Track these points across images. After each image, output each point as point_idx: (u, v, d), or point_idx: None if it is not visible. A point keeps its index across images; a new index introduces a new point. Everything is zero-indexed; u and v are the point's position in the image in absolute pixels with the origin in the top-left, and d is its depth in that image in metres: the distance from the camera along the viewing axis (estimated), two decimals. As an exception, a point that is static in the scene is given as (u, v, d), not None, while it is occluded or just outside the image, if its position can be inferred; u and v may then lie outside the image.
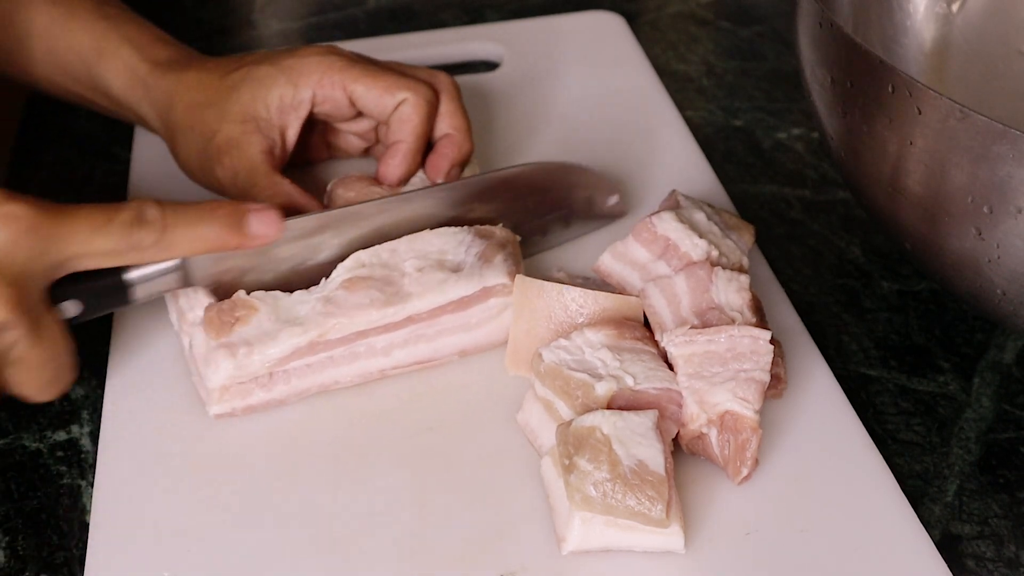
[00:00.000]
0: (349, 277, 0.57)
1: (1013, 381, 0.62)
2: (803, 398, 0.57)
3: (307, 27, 0.94)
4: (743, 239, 0.62)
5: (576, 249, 0.66)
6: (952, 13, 0.73)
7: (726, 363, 0.53)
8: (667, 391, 0.53)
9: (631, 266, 0.60)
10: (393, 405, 0.58)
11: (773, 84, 0.86)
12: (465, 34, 0.87)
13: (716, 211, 0.62)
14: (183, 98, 0.65)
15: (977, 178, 0.50)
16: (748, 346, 0.53)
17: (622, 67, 0.83)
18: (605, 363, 0.54)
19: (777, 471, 0.53)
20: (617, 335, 0.55)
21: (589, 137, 0.75)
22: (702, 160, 0.73)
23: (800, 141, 0.80)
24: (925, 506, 0.55)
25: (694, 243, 0.58)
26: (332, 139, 0.71)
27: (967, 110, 0.49)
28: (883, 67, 0.52)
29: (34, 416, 0.60)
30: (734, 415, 0.52)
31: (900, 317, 0.66)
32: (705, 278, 0.57)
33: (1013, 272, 0.52)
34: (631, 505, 0.48)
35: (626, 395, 0.52)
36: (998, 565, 0.53)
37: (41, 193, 0.75)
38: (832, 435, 0.55)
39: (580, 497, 0.48)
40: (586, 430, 0.50)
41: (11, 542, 0.54)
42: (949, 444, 0.58)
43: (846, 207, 0.73)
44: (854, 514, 0.52)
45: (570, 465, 0.49)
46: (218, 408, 0.56)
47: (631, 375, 0.53)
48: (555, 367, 0.54)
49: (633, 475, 0.48)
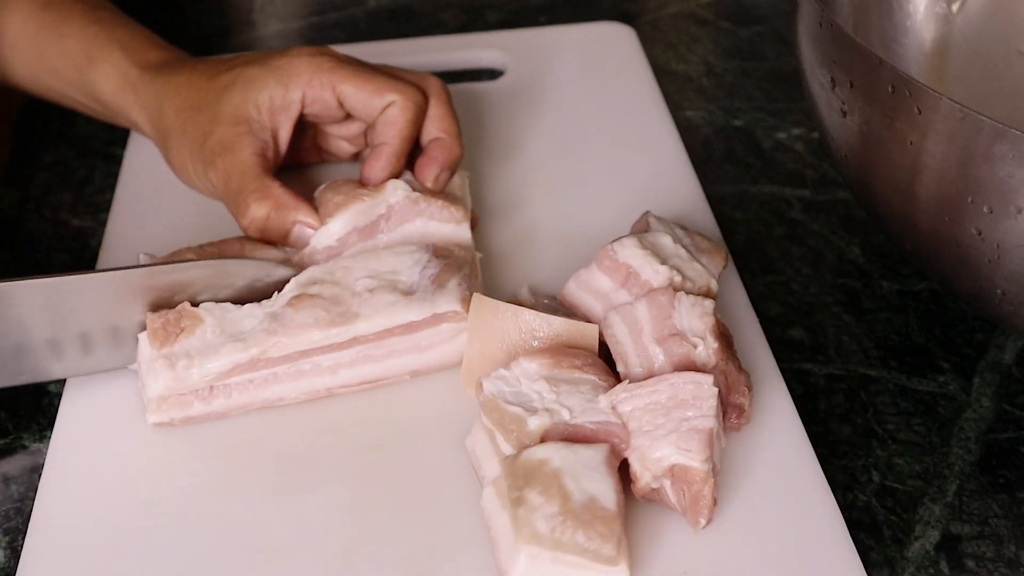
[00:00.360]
0: (297, 294, 0.56)
1: (1013, 381, 0.62)
2: (764, 433, 0.55)
3: (307, 27, 0.94)
4: (714, 262, 0.60)
5: (550, 268, 0.65)
6: (952, 13, 0.73)
7: (669, 412, 0.51)
8: (605, 425, 0.51)
9: (594, 295, 0.58)
10: (341, 420, 0.56)
11: (773, 84, 0.86)
12: (469, 41, 0.86)
13: (688, 233, 0.61)
14: (173, 101, 0.65)
15: (977, 178, 0.50)
16: (691, 392, 0.51)
17: (627, 80, 0.81)
18: (541, 395, 0.52)
19: (727, 509, 0.52)
20: (552, 363, 0.53)
21: (585, 150, 0.75)
22: (692, 177, 0.72)
23: (800, 141, 0.80)
24: (925, 506, 0.55)
25: (655, 270, 0.56)
26: (322, 143, 0.71)
27: (967, 110, 0.49)
28: (883, 67, 0.52)
29: (34, 416, 0.60)
30: (682, 468, 0.50)
31: (900, 317, 0.66)
32: (667, 304, 0.55)
33: (1013, 272, 0.52)
34: (580, 542, 0.46)
35: (561, 430, 0.51)
36: (998, 565, 0.53)
37: (41, 193, 0.75)
38: (789, 475, 0.53)
39: (528, 532, 0.46)
40: (536, 463, 0.48)
41: (11, 542, 0.54)
42: (949, 444, 0.58)
43: (846, 207, 0.73)
44: (801, 560, 0.50)
45: (519, 498, 0.47)
46: (156, 417, 0.55)
47: (567, 408, 0.51)
48: (492, 399, 0.52)
49: (584, 510, 0.47)
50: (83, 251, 0.71)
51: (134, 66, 0.66)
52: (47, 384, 0.62)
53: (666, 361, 0.54)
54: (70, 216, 0.74)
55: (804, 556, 0.50)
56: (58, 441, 0.56)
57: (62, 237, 0.72)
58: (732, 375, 0.54)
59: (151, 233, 0.67)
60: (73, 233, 0.72)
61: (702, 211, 0.69)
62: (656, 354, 0.54)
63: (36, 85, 0.70)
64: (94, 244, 0.71)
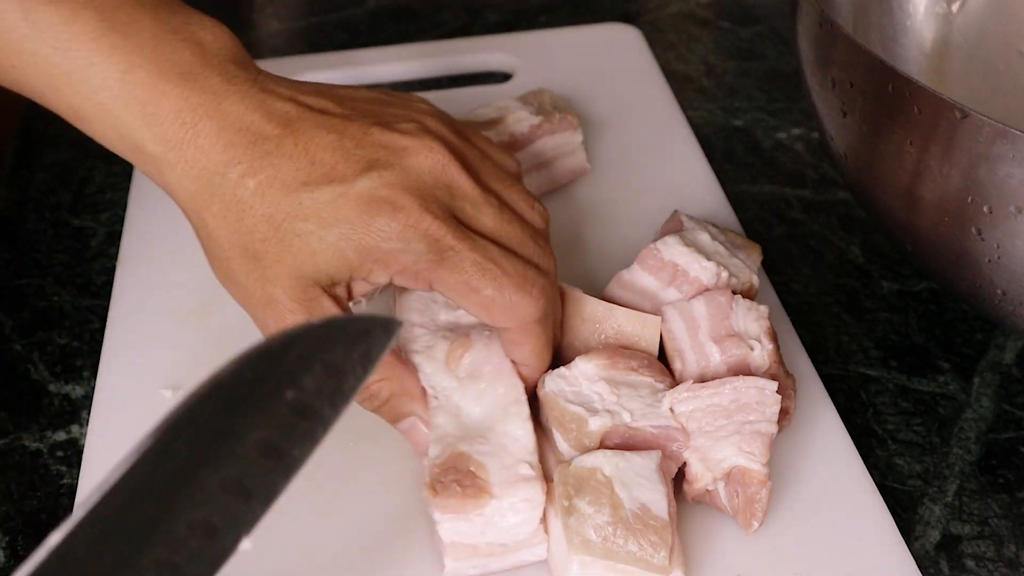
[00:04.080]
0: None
1: (1013, 381, 0.62)
2: (807, 435, 0.55)
3: (307, 27, 0.94)
4: (751, 258, 0.60)
5: (572, 271, 0.64)
6: (952, 13, 0.73)
7: (731, 415, 0.51)
8: (666, 429, 0.51)
9: (641, 295, 0.58)
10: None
11: (773, 84, 0.86)
12: (475, 45, 0.86)
13: (721, 231, 0.61)
14: (219, 223, 0.48)
15: (977, 178, 0.50)
16: (754, 397, 0.51)
17: (636, 81, 0.81)
18: (602, 396, 0.52)
19: (776, 511, 0.52)
20: (609, 364, 0.53)
21: (601, 151, 0.74)
22: (712, 178, 0.72)
23: (800, 141, 0.80)
24: (925, 506, 0.55)
25: (702, 266, 0.56)
26: None
27: (967, 110, 0.49)
28: (883, 67, 0.52)
29: (34, 416, 0.60)
30: (741, 469, 0.50)
31: (900, 317, 0.66)
32: (725, 304, 0.55)
33: (1013, 272, 0.52)
34: (633, 551, 0.46)
35: (621, 432, 0.51)
36: (998, 565, 0.53)
37: (41, 194, 0.75)
38: (834, 476, 0.54)
39: (579, 540, 0.47)
40: (587, 471, 0.48)
41: (11, 542, 0.54)
42: (949, 444, 0.58)
43: (846, 207, 0.73)
44: (852, 559, 0.50)
45: (569, 507, 0.47)
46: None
47: (628, 411, 0.51)
48: (553, 397, 0.52)
49: (635, 519, 0.47)
50: (83, 251, 0.71)
51: (142, 123, 0.47)
52: (47, 384, 0.62)
53: (721, 361, 0.54)
54: (70, 216, 0.74)
55: (855, 555, 0.50)
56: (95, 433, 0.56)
57: (62, 237, 0.72)
58: (781, 379, 0.54)
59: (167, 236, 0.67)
60: (73, 233, 0.72)
61: (725, 211, 0.69)
62: (712, 352, 0.54)
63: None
64: (94, 244, 0.71)
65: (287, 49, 0.91)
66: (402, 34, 0.92)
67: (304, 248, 0.47)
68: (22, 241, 0.72)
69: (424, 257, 0.48)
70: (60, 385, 0.62)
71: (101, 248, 0.71)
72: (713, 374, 0.54)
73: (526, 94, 0.71)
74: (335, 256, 0.47)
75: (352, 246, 0.47)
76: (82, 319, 0.66)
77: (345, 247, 0.47)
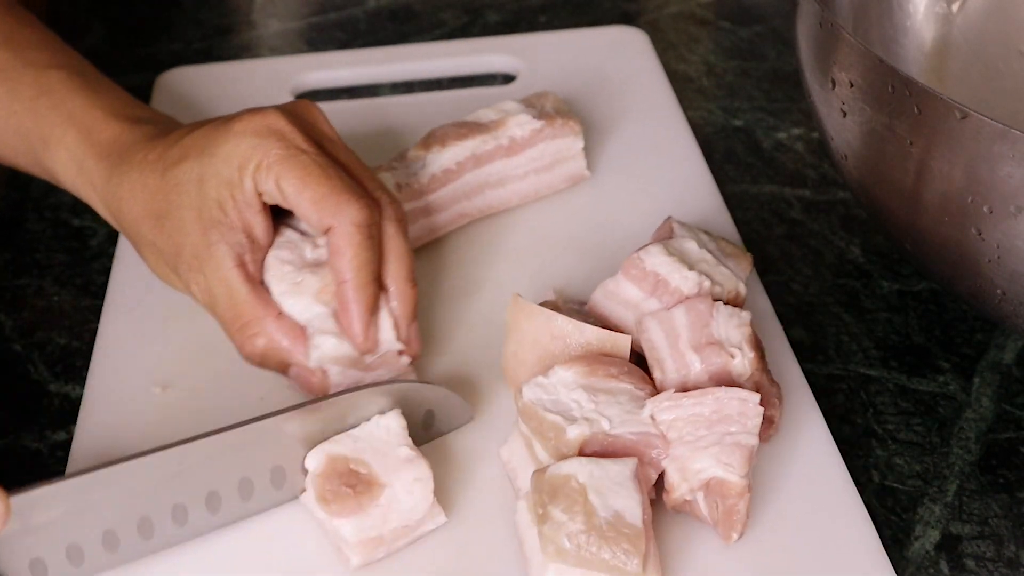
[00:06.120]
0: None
1: (1013, 381, 0.62)
2: (793, 444, 0.55)
3: (307, 27, 0.94)
4: (740, 266, 0.60)
5: (570, 273, 0.65)
6: (952, 13, 0.73)
7: (712, 426, 0.50)
8: (645, 436, 0.51)
9: (624, 305, 0.57)
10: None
11: (773, 84, 0.86)
12: (478, 46, 0.86)
13: (713, 238, 0.60)
14: (131, 207, 0.57)
15: (977, 178, 0.50)
16: (736, 408, 0.50)
17: (641, 85, 0.81)
18: (580, 404, 0.51)
19: (757, 522, 0.51)
20: (588, 371, 0.52)
21: (602, 154, 0.74)
22: (711, 182, 0.71)
23: (800, 141, 0.80)
24: (925, 506, 0.55)
25: (683, 276, 0.56)
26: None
27: (967, 110, 0.49)
28: (883, 67, 0.52)
29: (34, 416, 0.60)
30: (719, 481, 0.50)
31: (900, 317, 0.66)
32: (705, 312, 0.55)
33: (1013, 272, 0.52)
34: (606, 558, 0.46)
35: (600, 440, 0.50)
36: (998, 565, 0.53)
37: (41, 194, 0.75)
38: (818, 488, 0.53)
39: (554, 549, 0.46)
40: (561, 478, 0.48)
41: (11, 542, 0.54)
42: (949, 444, 0.58)
43: (846, 207, 0.73)
44: (833, 570, 0.50)
45: (544, 515, 0.47)
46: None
47: (606, 418, 0.51)
48: (531, 406, 0.52)
49: (609, 527, 0.47)
50: (83, 251, 0.71)
51: (89, 152, 0.58)
52: (47, 384, 0.62)
53: (702, 369, 0.53)
54: (70, 216, 0.74)
55: (837, 566, 0.50)
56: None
57: (62, 237, 0.72)
58: (765, 387, 0.54)
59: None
60: (73, 233, 0.72)
61: (723, 216, 0.69)
62: (692, 361, 0.53)
63: (3, 159, 0.63)
64: (94, 244, 0.71)
65: (287, 49, 0.91)
66: (402, 34, 0.92)
67: (190, 183, 0.55)
68: (22, 241, 0.72)
69: (274, 151, 0.54)
70: (60, 385, 0.62)
71: (101, 248, 0.71)
72: (694, 383, 0.53)
73: (529, 96, 0.71)
74: (215, 177, 0.55)
75: (224, 159, 0.55)
76: (82, 319, 0.66)
77: (220, 165, 0.55)
